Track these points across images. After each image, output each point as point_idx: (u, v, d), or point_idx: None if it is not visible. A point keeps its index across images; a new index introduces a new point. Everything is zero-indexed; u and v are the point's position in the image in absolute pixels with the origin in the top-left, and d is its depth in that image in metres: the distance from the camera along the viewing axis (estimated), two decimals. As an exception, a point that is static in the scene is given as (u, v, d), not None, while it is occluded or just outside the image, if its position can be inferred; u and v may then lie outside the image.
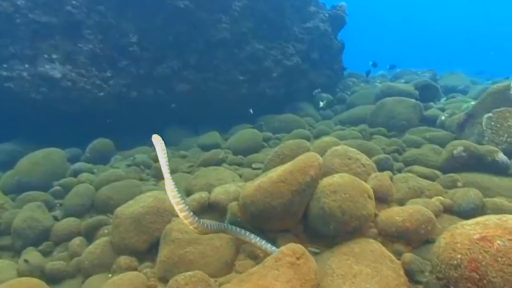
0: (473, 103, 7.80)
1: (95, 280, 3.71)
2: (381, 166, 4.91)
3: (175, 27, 8.30)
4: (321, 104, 10.08)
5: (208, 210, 4.26)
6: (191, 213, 3.03)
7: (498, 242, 2.24)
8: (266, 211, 3.56)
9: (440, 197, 4.07)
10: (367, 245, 3.25)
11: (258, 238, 3.42)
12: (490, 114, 5.75)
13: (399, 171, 5.23)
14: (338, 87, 11.29)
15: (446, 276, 2.37)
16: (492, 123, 5.68)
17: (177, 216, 4.09)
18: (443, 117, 7.40)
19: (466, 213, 3.78)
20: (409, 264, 3.14)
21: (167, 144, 8.39)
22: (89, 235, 4.42)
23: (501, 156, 4.78)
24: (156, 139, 3.00)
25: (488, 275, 2.17)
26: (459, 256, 2.34)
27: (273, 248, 3.33)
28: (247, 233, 3.47)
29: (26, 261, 3.97)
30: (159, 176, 5.92)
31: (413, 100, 7.76)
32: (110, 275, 3.73)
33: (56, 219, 4.89)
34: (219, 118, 9.02)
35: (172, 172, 5.87)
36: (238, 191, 4.21)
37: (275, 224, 3.71)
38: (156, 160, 6.48)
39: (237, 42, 9.03)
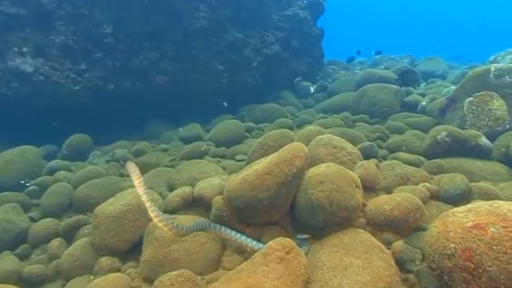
0: (453, 87, 7.85)
1: (76, 283, 3.56)
2: (366, 154, 4.86)
3: (151, 17, 8.03)
4: (312, 89, 10.05)
5: (192, 205, 4.14)
6: (165, 216, 3.03)
7: (492, 229, 2.20)
8: (252, 204, 3.47)
9: (426, 184, 4.05)
10: (357, 235, 3.19)
11: (239, 235, 3.35)
12: (471, 98, 5.77)
13: (384, 158, 5.20)
14: (319, 75, 11.22)
15: (440, 266, 2.33)
16: (474, 107, 5.70)
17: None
18: (424, 103, 7.40)
19: (453, 199, 3.77)
20: (400, 254, 3.11)
21: (148, 137, 8.20)
22: (69, 236, 4.24)
23: (484, 140, 4.80)
24: (130, 167, 2.89)
25: (483, 264, 2.13)
26: (452, 245, 2.29)
27: (254, 242, 3.26)
28: (228, 230, 3.40)
29: None
30: (140, 171, 5.74)
31: (395, 86, 7.74)
32: (92, 277, 3.59)
33: (33, 220, 4.67)
34: (200, 110, 8.86)
35: (153, 166, 5.75)
36: (222, 185, 4.10)
37: (261, 218, 3.62)
38: (136, 156, 6.30)
39: (215, 31, 8.82)
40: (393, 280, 2.82)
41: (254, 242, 3.28)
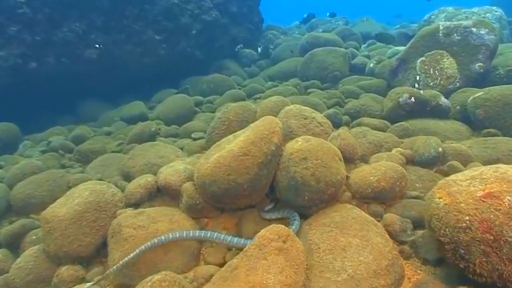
0: (397, 48, 7.96)
1: (33, 300, 3.04)
2: (332, 122, 4.67)
3: (72, -18, 7.07)
4: (259, 50, 9.86)
5: (157, 195, 3.70)
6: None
7: (508, 198, 2.10)
8: (231, 189, 3.13)
9: (400, 149, 3.98)
10: (348, 212, 3.00)
11: (215, 234, 3.07)
12: (423, 58, 5.82)
13: (347, 124, 5.10)
14: (260, 41, 10.85)
15: (454, 241, 2.20)
16: (426, 67, 5.76)
17: (121, 208, 3.55)
18: (371, 65, 7.42)
19: (429, 162, 3.74)
20: (392, 226, 2.99)
21: (83, 120, 7.39)
22: (13, 245, 3.62)
23: (443, 100, 4.85)
24: None
25: (504, 235, 2.03)
26: (467, 218, 2.16)
27: (236, 239, 2.99)
28: (202, 232, 3.10)
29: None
30: (84, 161, 5.12)
31: (343, 49, 7.65)
32: (51, 291, 3.09)
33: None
34: (139, 85, 8.16)
35: (100, 153, 5.15)
36: (189, 169, 3.71)
37: (240, 202, 3.31)
38: (77, 143, 5.58)
39: (148, -4, 8.04)
40: (394, 255, 2.68)
41: (236, 239, 2.99)
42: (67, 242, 3.13)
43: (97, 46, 7.43)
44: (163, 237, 2.98)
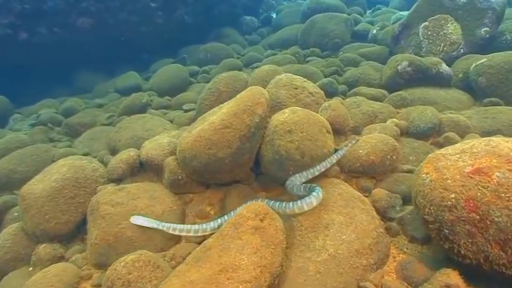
0: (401, 13, 7.55)
1: (13, 279, 2.98)
2: (326, 92, 4.46)
3: None
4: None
5: (140, 170, 3.58)
6: None
7: (497, 174, 1.91)
8: (212, 164, 2.99)
9: (395, 120, 3.76)
10: (333, 187, 2.85)
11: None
12: (426, 23, 5.48)
13: (344, 94, 4.87)
14: (261, 8, 10.44)
15: (439, 220, 2.04)
16: (429, 33, 5.43)
17: (102, 184, 3.45)
18: (374, 31, 7.07)
19: (424, 133, 3.53)
20: (380, 201, 2.83)
21: (78, 91, 7.24)
22: (-5, 221, 3.58)
23: (445, 67, 4.57)
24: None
25: (491, 214, 1.86)
26: (452, 195, 1.99)
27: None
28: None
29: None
30: (73, 134, 5.00)
31: (344, 15, 7.29)
32: (30, 269, 3.04)
33: None
34: (137, 56, 7.95)
35: (90, 126, 5.02)
36: (173, 143, 3.56)
37: (223, 177, 3.18)
38: (67, 115, 5.44)
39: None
40: (379, 233, 2.55)
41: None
42: (44, 220, 3.05)
43: None
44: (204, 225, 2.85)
